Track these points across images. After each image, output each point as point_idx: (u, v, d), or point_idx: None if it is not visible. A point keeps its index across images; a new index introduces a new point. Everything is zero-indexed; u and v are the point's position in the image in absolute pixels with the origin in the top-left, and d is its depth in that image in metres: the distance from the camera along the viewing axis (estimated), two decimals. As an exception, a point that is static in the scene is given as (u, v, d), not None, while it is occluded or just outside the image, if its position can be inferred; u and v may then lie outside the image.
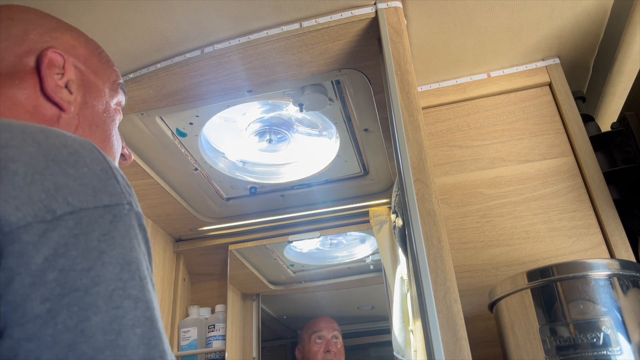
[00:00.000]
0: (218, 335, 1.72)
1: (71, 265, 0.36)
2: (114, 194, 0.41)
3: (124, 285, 0.38)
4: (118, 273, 0.38)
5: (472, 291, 1.06)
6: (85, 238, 0.37)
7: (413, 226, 0.82)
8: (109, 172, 0.42)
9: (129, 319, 0.37)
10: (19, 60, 0.57)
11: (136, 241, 0.40)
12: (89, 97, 0.62)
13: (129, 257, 0.39)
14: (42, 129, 0.42)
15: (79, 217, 0.38)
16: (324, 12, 1.05)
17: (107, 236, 0.38)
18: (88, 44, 0.66)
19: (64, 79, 0.59)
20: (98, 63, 0.66)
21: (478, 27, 1.15)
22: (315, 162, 1.56)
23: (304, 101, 1.24)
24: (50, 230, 0.36)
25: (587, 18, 1.14)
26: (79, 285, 0.36)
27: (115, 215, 0.40)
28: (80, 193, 0.39)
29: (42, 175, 0.38)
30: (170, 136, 1.34)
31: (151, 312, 0.39)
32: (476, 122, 1.24)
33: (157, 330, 0.38)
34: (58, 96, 0.57)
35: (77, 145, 0.42)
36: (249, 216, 1.75)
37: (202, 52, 1.10)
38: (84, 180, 0.40)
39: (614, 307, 0.77)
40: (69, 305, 0.35)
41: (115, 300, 0.37)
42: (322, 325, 1.77)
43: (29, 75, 0.57)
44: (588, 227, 1.07)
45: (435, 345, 0.72)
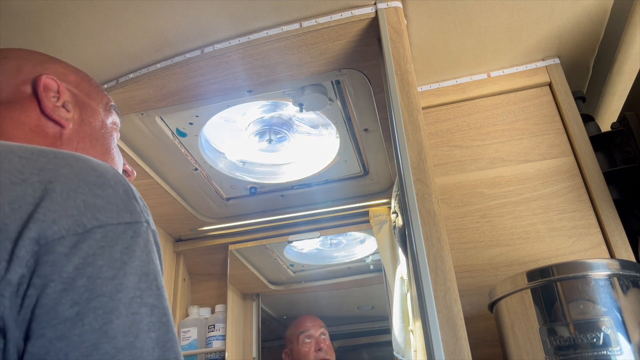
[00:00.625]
0: (218, 335, 1.72)
1: (98, 273, 0.41)
2: (134, 213, 0.46)
3: (142, 294, 0.42)
4: (137, 283, 0.42)
5: (472, 291, 1.06)
6: (110, 250, 0.42)
7: (413, 226, 0.82)
8: (130, 193, 0.47)
9: (145, 324, 0.41)
10: (17, 89, 0.63)
11: (153, 255, 0.45)
12: (86, 115, 0.67)
13: (147, 269, 0.44)
14: (72, 154, 0.48)
15: (105, 231, 0.43)
16: (324, 12, 1.05)
17: (129, 249, 0.43)
18: (77, 72, 0.72)
19: (60, 101, 0.64)
20: (89, 87, 0.71)
21: (478, 27, 1.15)
22: (315, 162, 1.56)
23: (304, 101, 1.24)
24: (81, 242, 0.41)
25: (587, 18, 1.14)
26: (104, 291, 0.40)
27: (135, 232, 0.44)
28: (106, 210, 0.44)
29: (75, 193, 0.43)
30: (170, 136, 1.34)
31: (167, 319, 0.43)
32: (476, 122, 1.24)
33: (172, 334, 0.43)
34: (57, 115, 0.63)
35: (103, 169, 0.47)
36: (249, 216, 1.75)
37: (202, 52, 1.10)
38: (109, 199, 0.45)
39: (614, 307, 0.77)
40: (95, 308, 0.39)
41: (133, 307, 0.41)
42: (309, 324, 1.75)
43: (28, 101, 0.62)
44: (588, 227, 1.07)
45: (435, 346, 0.72)
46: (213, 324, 1.74)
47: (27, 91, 0.63)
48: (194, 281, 1.91)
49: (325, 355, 1.70)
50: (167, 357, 0.42)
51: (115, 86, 1.16)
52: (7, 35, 1.03)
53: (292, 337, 1.75)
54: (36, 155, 0.45)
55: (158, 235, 0.48)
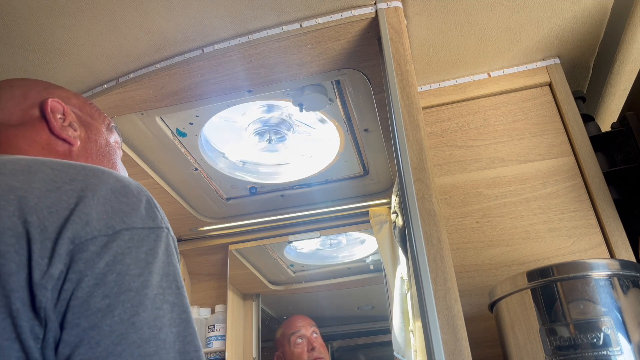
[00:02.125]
0: (218, 335, 1.72)
1: (126, 270, 0.45)
2: (156, 219, 0.51)
3: (163, 292, 0.47)
4: (159, 281, 0.47)
5: (472, 291, 1.06)
6: (137, 250, 0.47)
7: (413, 226, 0.82)
8: (151, 203, 0.52)
9: (167, 319, 0.46)
10: (26, 113, 0.67)
11: (173, 258, 0.50)
12: (91, 134, 0.73)
13: (168, 270, 0.48)
14: (97, 167, 0.53)
15: (131, 233, 0.47)
16: (324, 12, 1.05)
17: (153, 251, 0.48)
18: (78, 96, 0.77)
19: (67, 121, 0.69)
20: (90, 109, 0.76)
21: (478, 27, 1.15)
22: (315, 162, 1.56)
23: (304, 101, 1.24)
24: (111, 242, 0.46)
25: (587, 18, 1.14)
26: (132, 286, 0.45)
27: (158, 236, 0.49)
28: (132, 215, 0.49)
29: (105, 199, 0.48)
30: (170, 136, 1.34)
31: (186, 315, 0.48)
32: (476, 122, 1.24)
33: (192, 329, 0.47)
34: (65, 133, 0.68)
35: (126, 181, 0.53)
36: (249, 216, 1.75)
37: (202, 52, 1.10)
38: (133, 206, 0.50)
39: (614, 307, 0.77)
40: (124, 302, 0.44)
41: (157, 302, 0.46)
42: (299, 324, 1.73)
43: (37, 122, 0.67)
44: (588, 227, 1.07)
45: (436, 346, 0.72)
46: (213, 324, 1.74)
47: (36, 114, 0.68)
48: (194, 281, 1.91)
49: (318, 354, 1.68)
50: (187, 350, 0.46)
51: (115, 86, 1.16)
52: (7, 35, 1.03)
53: (283, 339, 1.73)
54: (66, 167, 0.51)
55: (176, 241, 0.53)
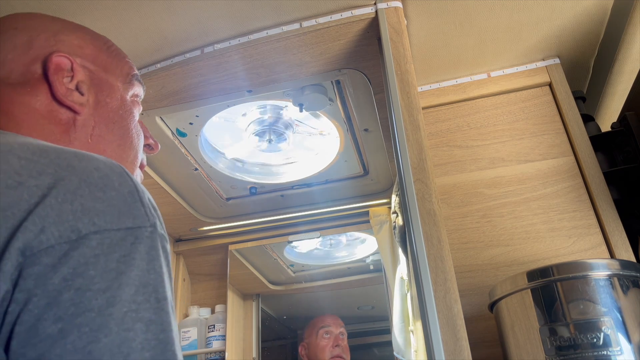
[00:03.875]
0: (218, 335, 1.72)
1: (88, 285, 0.37)
2: (138, 217, 0.42)
3: (138, 307, 0.38)
4: (133, 295, 0.38)
5: (472, 291, 1.06)
6: (106, 259, 0.38)
7: (413, 226, 0.82)
8: (135, 195, 0.43)
9: (138, 342, 0.37)
10: (27, 69, 0.57)
11: (157, 263, 0.41)
12: (102, 96, 0.61)
13: (146, 279, 0.40)
14: (75, 153, 0.44)
15: (102, 237, 0.39)
16: (324, 12, 1.05)
17: (127, 257, 0.39)
18: (95, 41, 0.65)
19: (74, 81, 0.59)
20: (107, 59, 0.65)
21: (478, 27, 1.15)
22: (315, 162, 1.56)
23: (304, 101, 1.24)
24: (73, 250, 0.37)
25: (587, 18, 1.14)
26: (93, 306, 0.36)
27: (137, 237, 0.41)
28: (105, 214, 0.40)
29: (74, 195, 0.40)
30: (170, 136, 1.34)
31: (166, 335, 0.39)
32: (476, 122, 1.24)
33: (170, 353, 0.38)
34: (69, 100, 0.57)
35: (108, 169, 0.44)
36: (249, 216, 1.75)
37: (202, 52, 1.10)
38: (111, 202, 0.41)
39: (614, 307, 0.77)
40: (80, 325, 0.35)
41: (127, 322, 0.37)
42: (330, 321, 1.77)
43: (39, 83, 0.57)
44: (588, 227, 1.07)
45: (436, 346, 0.71)
46: (213, 324, 1.74)
47: (38, 72, 0.58)
48: (194, 281, 1.91)
49: (341, 353, 1.71)
50: None
51: (115, 86, 1.16)
52: (7, 35, 1.02)
53: (311, 330, 1.77)
54: (37, 156, 0.42)
55: (167, 240, 0.45)
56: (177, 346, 0.40)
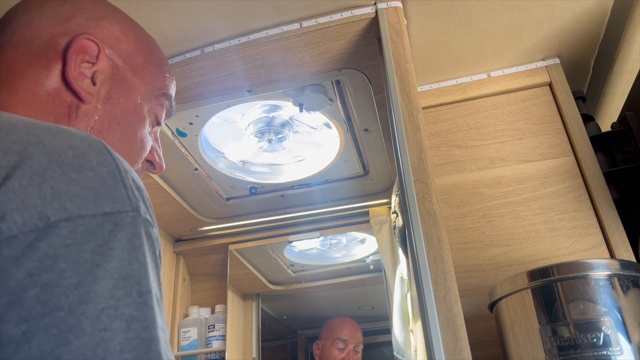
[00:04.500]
0: (218, 335, 1.72)
1: (57, 280, 0.32)
2: (118, 200, 0.36)
3: (116, 303, 0.33)
4: (111, 289, 0.33)
5: (472, 291, 1.06)
6: (78, 249, 0.33)
7: (413, 226, 0.82)
8: (116, 176, 0.38)
9: (117, 342, 0.32)
10: (53, 39, 0.54)
11: (140, 252, 0.36)
12: (116, 93, 0.57)
13: (127, 271, 0.34)
14: (49, 128, 0.39)
15: (74, 225, 0.34)
16: (324, 12, 1.05)
17: (104, 247, 0.34)
18: (139, 41, 0.62)
19: (92, 69, 0.55)
20: (143, 63, 0.62)
21: (478, 27, 1.15)
22: (315, 162, 1.56)
23: (304, 101, 1.24)
24: (40, 240, 0.32)
25: (587, 18, 1.14)
26: (62, 304, 0.31)
27: (116, 224, 0.35)
28: (80, 198, 0.35)
29: (42, 177, 0.34)
30: (170, 136, 1.34)
31: (150, 333, 0.34)
32: (476, 122, 1.24)
33: (154, 353, 0.33)
34: (77, 84, 0.54)
35: (85, 147, 0.38)
36: (249, 216, 1.75)
37: (202, 52, 1.10)
38: (86, 184, 0.36)
39: (614, 307, 0.77)
40: (47, 327, 0.30)
41: (103, 321, 0.32)
42: (348, 332, 1.75)
43: (56, 58, 0.54)
44: (588, 227, 1.07)
45: (436, 346, 0.71)
46: (213, 324, 1.74)
47: (61, 45, 0.54)
48: (194, 281, 1.91)
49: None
50: None
51: (115, 86, 1.16)
52: (7, 35, 1.02)
53: (328, 334, 1.76)
54: (4, 133, 0.36)
55: (154, 226, 0.39)
56: (163, 345, 0.35)
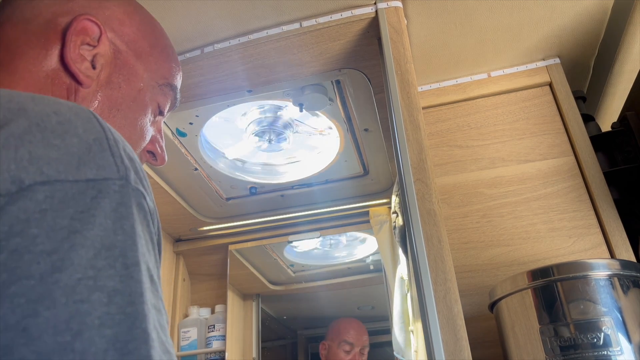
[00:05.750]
0: (218, 335, 1.72)
1: (28, 246, 0.29)
2: (104, 167, 0.33)
3: (97, 274, 0.30)
4: (91, 259, 0.30)
5: (473, 291, 1.06)
6: (55, 215, 0.30)
7: (413, 226, 0.82)
8: (104, 143, 0.35)
9: (95, 316, 0.29)
10: (53, 19, 0.52)
11: (127, 222, 0.33)
12: (117, 78, 0.55)
13: (111, 241, 0.31)
14: (33, 96, 0.37)
15: (52, 189, 0.31)
16: (324, 12, 1.05)
17: (85, 214, 0.31)
18: (144, 26, 0.59)
19: (93, 52, 0.53)
20: (148, 49, 0.59)
21: (478, 27, 1.15)
22: (315, 162, 1.56)
23: (304, 101, 1.24)
24: (10, 204, 0.29)
25: (587, 18, 1.14)
26: (32, 271, 0.28)
27: (100, 191, 0.32)
28: (60, 163, 0.32)
29: (20, 140, 0.32)
30: (170, 136, 1.34)
31: (135, 308, 0.30)
32: (476, 122, 1.24)
33: (140, 331, 0.30)
34: (76, 67, 0.51)
35: (71, 114, 0.35)
36: (249, 216, 1.75)
37: (202, 52, 1.10)
38: (69, 149, 0.33)
39: (615, 307, 0.77)
40: (13, 295, 0.27)
41: (80, 292, 0.29)
42: (354, 335, 1.75)
43: (55, 38, 0.51)
44: (588, 227, 1.06)
45: (436, 346, 0.71)
46: (213, 324, 1.74)
47: (61, 24, 0.52)
48: (194, 281, 1.91)
49: None
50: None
51: (115, 86, 1.16)
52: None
53: (335, 335, 1.76)
54: None
55: (147, 197, 0.36)
56: (153, 322, 0.31)
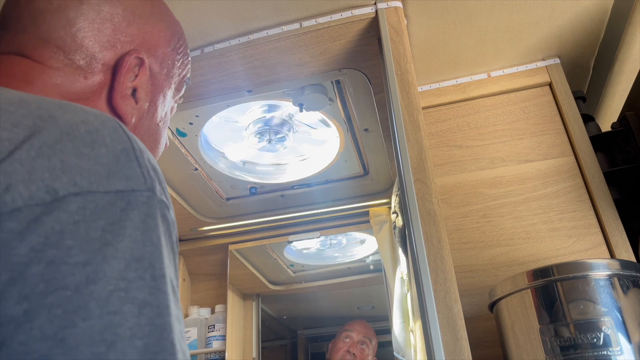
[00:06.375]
0: (218, 335, 1.72)
1: (63, 257, 0.30)
2: (132, 178, 0.34)
3: (128, 285, 0.31)
4: (122, 270, 0.31)
5: (473, 291, 1.06)
6: (87, 226, 0.31)
7: (413, 226, 0.82)
8: (130, 154, 0.36)
9: (127, 327, 0.30)
10: (99, 53, 0.50)
11: (154, 234, 0.34)
12: (152, 107, 0.55)
13: (140, 252, 0.32)
14: (61, 104, 0.37)
15: (84, 200, 0.31)
16: (324, 12, 1.05)
17: (116, 226, 0.32)
18: (171, 38, 0.58)
19: (134, 83, 0.52)
20: (173, 61, 0.58)
21: (478, 27, 1.15)
22: (315, 162, 1.56)
23: (304, 101, 1.24)
24: (46, 214, 0.30)
25: (587, 18, 1.14)
26: (68, 282, 0.29)
27: (129, 203, 0.33)
28: (91, 173, 0.33)
29: (52, 150, 0.32)
30: (170, 136, 1.34)
31: (163, 320, 0.32)
32: (476, 122, 1.24)
33: (167, 342, 0.31)
34: (123, 108, 0.51)
35: (98, 123, 0.36)
36: (249, 216, 1.75)
37: (202, 52, 1.10)
38: (99, 160, 0.34)
39: (614, 307, 0.77)
40: (51, 306, 0.28)
41: (113, 304, 0.30)
42: (354, 327, 1.77)
43: (101, 76, 0.50)
44: (588, 227, 1.06)
45: (436, 346, 0.71)
46: (213, 324, 1.74)
47: (109, 63, 0.50)
48: (194, 281, 1.91)
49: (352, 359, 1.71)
50: None
51: (115, 86, 1.16)
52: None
53: (340, 331, 1.78)
54: (14, 107, 0.35)
55: (170, 208, 0.37)
56: (177, 334, 0.33)
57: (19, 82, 0.47)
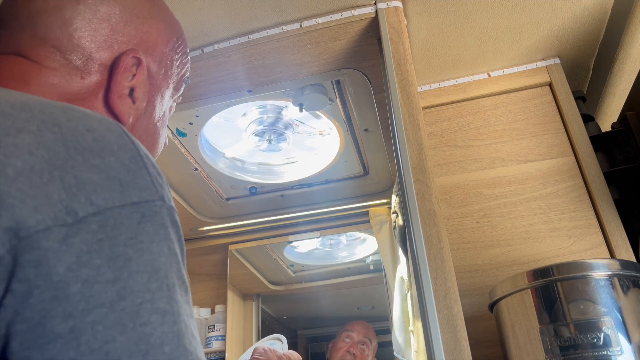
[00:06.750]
0: (218, 335, 1.72)
1: (95, 276, 0.32)
2: (144, 188, 0.36)
3: (153, 297, 0.33)
4: (146, 283, 0.33)
5: (473, 291, 1.06)
6: (110, 243, 0.33)
7: (413, 226, 0.82)
8: (139, 162, 0.37)
9: (156, 336, 0.32)
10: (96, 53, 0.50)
11: (166, 244, 0.36)
12: (150, 106, 0.55)
13: (157, 264, 0.35)
14: (64, 108, 0.37)
15: (103, 218, 0.33)
16: (324, 12, 1.05)
17: (134, 240, 0.34)
18: (169, 38, 0.58)
19: (131, 83, 0.52)
20: (172, 61, 0.58)
21: (478, 27, 1.15)
22: (315, 162, 1.56)
23: (304, 101, 1.24)
24: (72, 236, 0.32)
25: (587, 18, 1.14)
26: (103, 300, 0.31)
27: (143, 215, 0.35)
28: (105, 189, 0.34)
29: (63, 170, 0.33)
30: (170, 136, 1.34)
31: (178, 327, 0.34)
32: (476, 122, 1.24)
33: (183, 348, 0.34)
34: (119, 108, 0.51)
35: (104, 129, 0.37)
36: (249, 216, 1.75)
37: (202, 52, 1.10)
38: (110, 172, 0.35)
39: (615, 307, 0.77)
40: (93, 323, 0.31)
41: (142, 316, 0.32)
42: (355, 327, 1.77)
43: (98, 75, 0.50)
44: (588, 227, 1.06)
45: (436, 346, 0.71)
46: (213, 324, 1.74)
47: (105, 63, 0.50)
48: (194, 281, 1.90)
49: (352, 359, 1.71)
50: None
51: (115, 86, 1.16)
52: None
53: (340, 331, 1.78)
54: (17, 111, 0.35)
55: (176, 211, 0.39)
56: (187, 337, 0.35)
57: (16, 82, 0.47)
